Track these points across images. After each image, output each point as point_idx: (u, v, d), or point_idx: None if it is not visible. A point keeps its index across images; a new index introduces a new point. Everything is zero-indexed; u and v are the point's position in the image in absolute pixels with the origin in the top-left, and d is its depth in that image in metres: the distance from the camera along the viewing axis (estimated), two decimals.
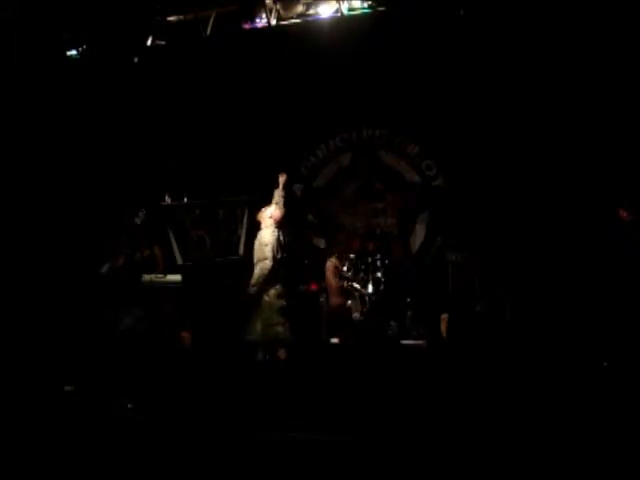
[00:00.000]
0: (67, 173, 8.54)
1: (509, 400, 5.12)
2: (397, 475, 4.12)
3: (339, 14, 7.72)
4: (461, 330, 6.83)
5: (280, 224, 6.59)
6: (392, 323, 7.27)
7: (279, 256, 6.45)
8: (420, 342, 7.06)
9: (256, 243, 6.60)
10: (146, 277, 7.31)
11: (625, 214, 6.18)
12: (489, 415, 4.90)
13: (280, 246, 6.46)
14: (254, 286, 6.42)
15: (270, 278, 6.32)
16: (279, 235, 6.56)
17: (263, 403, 5.36)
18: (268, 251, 6.31)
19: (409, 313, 7.47)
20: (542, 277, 7.02)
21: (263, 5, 7.87)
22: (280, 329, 6.34)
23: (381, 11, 7.63)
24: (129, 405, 5.24)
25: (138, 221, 6.80)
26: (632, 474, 3.91)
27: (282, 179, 6.69)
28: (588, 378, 5.44)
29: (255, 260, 6.47)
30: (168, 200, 7.93)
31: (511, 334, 6.51)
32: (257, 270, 6.40)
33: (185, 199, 8.01)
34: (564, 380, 5.43)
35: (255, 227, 6.88)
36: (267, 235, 6.47)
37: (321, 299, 7.54)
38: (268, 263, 6.26)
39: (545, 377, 5.53)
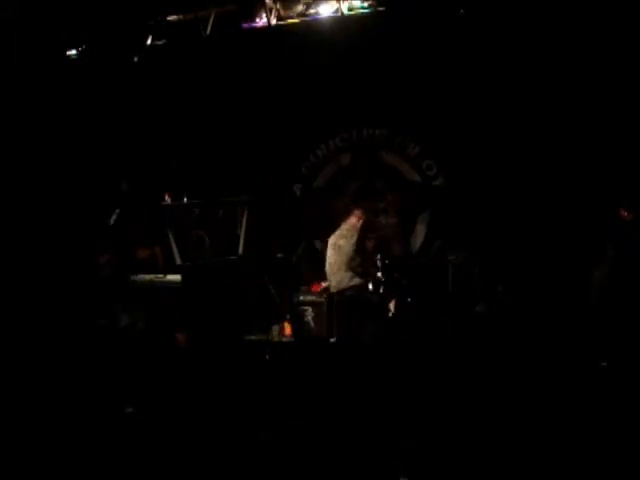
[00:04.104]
0: (67, 173, 8.54)
1: (509, 400, 5.12)
2: (399, 475, 4.13)
3: (339, 14, 7.72)
4: (461, 330, 6.82)
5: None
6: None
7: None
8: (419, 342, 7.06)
9: None
10: (146, 277, 7.32)
11: (625, 214, 6.18)
12: (489, 415, 4.90)
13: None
14: None
15: None
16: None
17: (263, 403, 5.36)
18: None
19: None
20: (542, 277, 7.02)
21: (263, 5, 7.88)
22: None
23: (381, 11, 7.63)
24: (129, 407, 5.24)
25: (111, 221, 6.89)
26: (632, 474, 3.91)
27: None
28: (588, 378, 5.44)
29: None
30: (168, 200, 7.94)
31: (511, 334, 6.51)
32: None
33: (185, 199, 8.01)
34: (564, 380, 5.43)
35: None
36: None
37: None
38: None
39: (545, 377, 5.53)
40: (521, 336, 6.39)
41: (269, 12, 7.84)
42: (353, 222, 7.12)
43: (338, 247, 7.00)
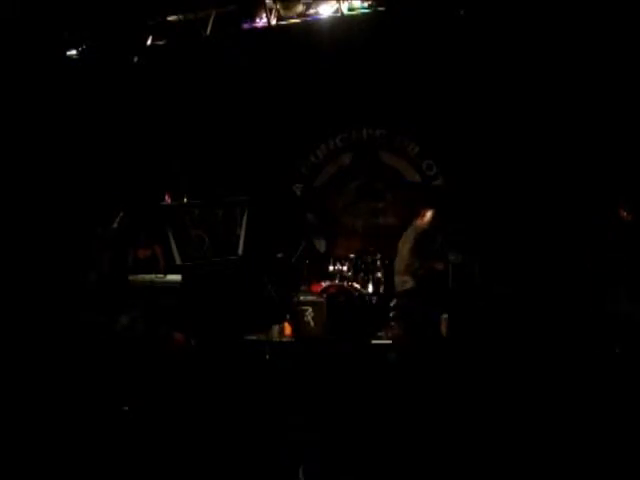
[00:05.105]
0: (67, 173, 8.54)
1: (510, 399, 5.12)
2: (399, 475, 4.13)
3: (339, 14, 7.72)
4: (461, 329, 6.82)
5: None
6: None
7: None
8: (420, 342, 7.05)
9: None
10: (146, 277, 7.31)
11: (625, 214, 6.17)
12: (490, 414, 4.90)
13: None
14: None
15: None
16: None
17: (263, 402, 5.36)
18: None
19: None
20: (542, 276, 7.02)
21: (263, 5, 7.88)
22: None
23: (381, 11, 7.63)
24: (125, 407, 5.24)
25: (115, 224, 6.91)
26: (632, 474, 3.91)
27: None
28: (587, 377, 5.44)
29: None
30: (168, 200, 7.94)
31: (512, 333, 6.51)
32: None
33: (185, 199, 8.01)
34: (564, 379, 5.43)
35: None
36: None
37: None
38: None
39: (546, 376, 5.54)
40: (521, 335, 6.39)
41: (269, 12, 7.84)
42: (418, 223, 6.97)
43: (399, 250, 7.01)
